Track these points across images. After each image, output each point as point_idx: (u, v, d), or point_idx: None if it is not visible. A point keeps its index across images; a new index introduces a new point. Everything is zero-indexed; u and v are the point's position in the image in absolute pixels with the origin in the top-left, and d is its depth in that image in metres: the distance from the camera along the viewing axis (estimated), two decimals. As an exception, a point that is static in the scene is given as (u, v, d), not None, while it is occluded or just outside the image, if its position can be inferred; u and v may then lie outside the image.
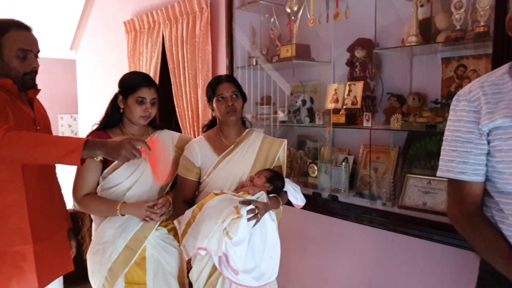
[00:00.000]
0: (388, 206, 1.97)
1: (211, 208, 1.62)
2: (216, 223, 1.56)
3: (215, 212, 1.60)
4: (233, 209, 1.59)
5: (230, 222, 1.56)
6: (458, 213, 1.23)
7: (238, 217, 1.57)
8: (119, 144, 1.45)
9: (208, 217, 1.60)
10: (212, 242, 1.56)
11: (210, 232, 1.56)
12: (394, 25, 2.04)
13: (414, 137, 2.04)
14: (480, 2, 1.61)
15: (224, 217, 1.57)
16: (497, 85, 1.19)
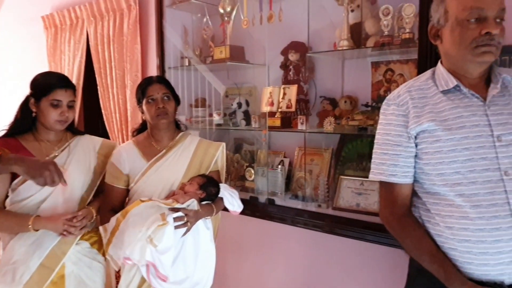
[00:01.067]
0: (323, 208, 2.00)
1: (135, 215, 1.54)
2: (140, 231, 1.49)
3: (140, 219, 1.52)
4: (159, 216, 1.53)
5: (155, 229, 1.50)
6: (390, 215, 1.28)
7: (164, 224, 1.51)
8: (43, 165, 1.35)
9: (132, 224, 1.52)
10: (135, 250, 1.48)
11: (133, 240, 1.48)
12: (326, 29, 2.09)
13: (346, 139, 2.11)
14: (405, 10, 1.69)
15: (149, 224, 1.50)
16: (423, 90, 1.25)
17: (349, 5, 1.90)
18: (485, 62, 1.16)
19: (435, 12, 1.23)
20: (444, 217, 1.17)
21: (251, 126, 2.40)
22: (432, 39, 1.27)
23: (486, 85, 1.21)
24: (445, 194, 1.17)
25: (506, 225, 1.10)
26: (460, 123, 1.16)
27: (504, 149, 1.12)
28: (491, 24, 1.11)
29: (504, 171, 1.11)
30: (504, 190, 1.11)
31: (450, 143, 1.15)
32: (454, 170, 1.14)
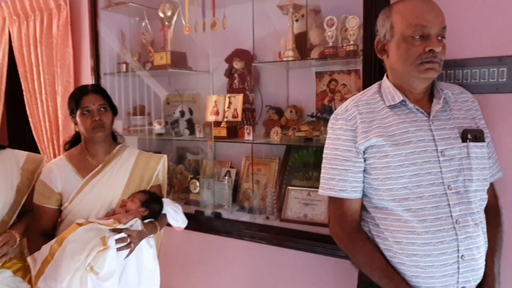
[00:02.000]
0: (271, 220, 1.98)
1: (73, 241, 1.43)
2: (79, 260, 1.37)
3: (78, 246, 1.41)
4: (99, 241, 1.42)
5: (96, 256, 1.39)
6: (340, 231, 1.28)
7: (105, 248, 1.40)
8: None
9: (69, 253, 1.40)
10: (74, 282, 1.37)
11: (71, 270, 1.37)
12: (271, 38, 2.08)
13: (293, 148, 2.11)
14: (349, 22, 1.72)
15: (89, 251, 1.40)
16: (370, 105, 1.26)
17: (293, 14, 1.90)
18: (429, 78, 1.21)
19: (381, 27, 1.26)
20: (393, 232, 1.19)
21: (195, 136, 2.32)
22: (379, 54, 1.29)
23: (429, 100, 1.26)
24: (393, 209, 1.19)
25: (449, 238, 1.14)
26: (407, 138, 1.18)
27: (447, 164, 1.17)
28: (434, 42, 1.15)
29: (447, 185, 1.16)
30: (448, 204, 1.15)
31: (397, 159, 1.17)
32: (402, 185, 1.17)
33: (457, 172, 1.17)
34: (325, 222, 1.85)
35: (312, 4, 1.91)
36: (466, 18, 1.50)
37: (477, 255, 1.17)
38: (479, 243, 1.18)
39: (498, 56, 1.46)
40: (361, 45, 1.70)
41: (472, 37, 1.50)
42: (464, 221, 1.16)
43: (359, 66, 1.88)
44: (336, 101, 1.98)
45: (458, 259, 1.15)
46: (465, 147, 1.19)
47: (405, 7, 1.20)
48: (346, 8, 1.84)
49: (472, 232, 1.16)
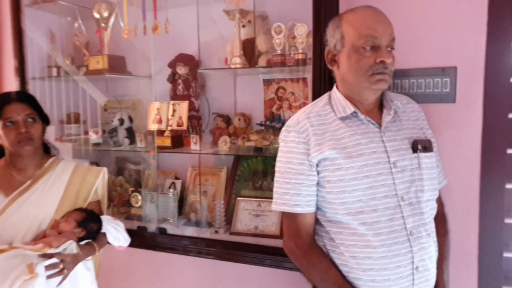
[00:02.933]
0: (220, 234, 1.91)
1: None
2: None
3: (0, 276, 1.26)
4: (25, 269, 1.28)
5: (22, 285, 1.25)
6: (295, 247, 1.25)
7: (32, 277, 1.26)
8: None
9: None
10: None
11: None
12: (217, 43, 2.02)
13: (241, 157, 2.06)
14: (297, 29, 1.71)
15: (12, 281, 1.25)
16: (321, 116, 1.25)
17: (240, 20, 1.86)
18: (380, 89, 1.21)
19: (332, 36, 1.24)
20: (348, 247, 1.18)
21: (136, 145, 2.20)
22: (329, 64, 1.28)
23: (380, 111, 1.26)
24: (348, 223, 1.18)
25: (404, 250, 1.15)
26: (360, 150, 1.18)
27: (400, 175, 1.18)
28: (385, 53, 1.15)
29: (401, 197, 1.17)
30: (402, 216, 1.16)
31: (351, 171, 1.16)
32: (356, 198, 1.16)
33: (409, 183, 1.19)
34: (276, 233, 1.82)
35: (259, 10, 1.88)
36: (412, 29, 1.55)
37: (430, 265, 1.20)
38: (431, 253, 1.20)
39: (442, 67, 1.53)
40: (309, 53, 1.70)
41: (417, 48, 1.56)
42: (417, 232, 1.17)
43: (307, 74, 1.89)
44: (284, 109, 1.96)
45: (413, 270, 1.16)
46: (416, 157, 1.21)
47: (355, 17, 1.19)
48: (293, 15, 1.83)
49: (425, 243, 1.18)
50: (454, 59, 1.51)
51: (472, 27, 1.48)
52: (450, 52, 1.51)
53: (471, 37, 1.48)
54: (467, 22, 1.49)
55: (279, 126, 1.89)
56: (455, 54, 1.51)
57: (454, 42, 1.51)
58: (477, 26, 1.47)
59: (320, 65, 1.53)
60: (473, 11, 1.48)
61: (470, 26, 1.48)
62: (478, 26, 1.47)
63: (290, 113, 1.94)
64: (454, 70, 1.51)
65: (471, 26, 1.48)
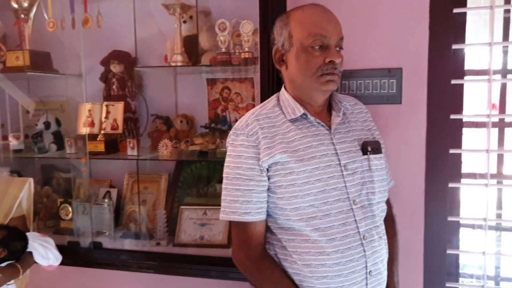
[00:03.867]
0: (163, 246, 1.80)
1: None
2: None
3: None
4: None
5: None
6: (245, 258, 1.19)
7: None
8: None
9: None
10: None
11: None
12: (155, 39, 1.91)
13: (184, 162, 1.97)
14: (243, 27, 1.66)
15: None
16: (271, 118, 1.20)
17: (181, 15, 1.76)
18: (329, 91, 1.19)
19: (279, 35, 1.20)
20: (301, 254, 1.14)
21: (64, 151, 2.02)
22: (277, 64, 1.24)
23: (328, 113, 1.25)
24: (300, 229, 1.14)
25: (358, 255, 1.14)
26: (311, 153, 1.15)
27: (351, 178, 1.16)
28: (334, 53, 1.14)
29: (353, 200, 1.15)
30: (354, 220, 1.15)
31: (303, 175, 1.13)
32: (308, 204, 1.13)
33: (360, 185, 1.18)
34: (224, 243, 1.75)
35: (201, 5, 1.80)
36: (358, 31, 1.56)
37: (382, 268, 1.20)
38: (383, 256, 1.21)
39: (388, 68, 1.55)
40: (256, 52, 1.66)
41: (364, 49, 1.57)
42: (370, 235, 1.16)
43: (253, 74, 1.84)
44: (230, 111, 1.90)
45: (367, 275, 1.15)
46: (366, 159, 1.21)
47: (303, 15, 1.16)
48: (237, 12, 1.77)
49: (378, 246, 1.18)
50: (400, 60, 1.54)
51: (415, 30, 1.52)
52: (396, 54, 1.55)
53: (415, 39, 1.53)
54: (411, 25, 1.53)
55: (226, 129, 1.82)
56: (400, 55, 1.54)
57: (399, 44, 1.54)
58: (420, 29, 1.52)
59: (268, 65, 1.49)
60: (416, 14, 1.52)
61: (414, 28, 1.53)
62: (421, 28, 1.52)
63: (236, 115, 1.88)
64: (400, 72, 1.54)
65: (414, 29, 1.53)
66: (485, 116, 1.53)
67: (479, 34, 1.76)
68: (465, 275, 1.70)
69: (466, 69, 1.60)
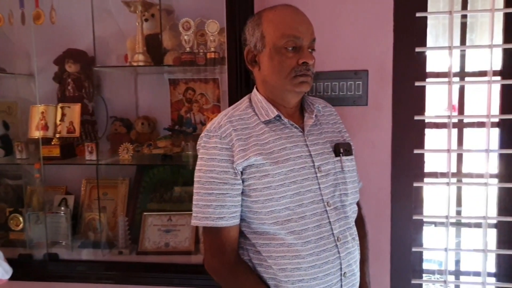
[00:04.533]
0: (125, 255, 1.73)
1: None
2: None
3: None
4: None
5: None
6: (219, 265, 1.16)
7: None
8: None
9: None
10: None
11: None
12: (114, 37, 1.83)
13: (145, 166, 1.90)
14: (208, 26, 1.62)
15: None
16: (244, 120, 1.18)
17: (142, 13, 1.70)
18: (302, 92, 1.19)
19: (251, 36, 1.19)
20: (276, 259, 1.13)
21: (14, 156, 1.88)
22: (249, 65, 1.22)
23: (301, 115, 1.25)
24: (275, 233, 1.13)
25: (333, 257, 1.14)
26: (285, 155, 1.14)
27: (324, 180, 1.17)
28: (307, 54, 1.14)
29: (327, 202, 1.16)
30: (329, 222, 1.15)
31: (278, 178, 1.12)
32: (284, 206, 1.12)
33: (333, 187, 1.18)
34: (191, 249, 1.71)
35: (164, 3, 1.74)
36: (325, 33, 1.57)
37: (355, 269, 1.21)
38: (356, 257, 1.22)
39: (354, 70, 1.58)
40: (222, 52, 1.63)
41: (331, 51, 1.59)
42: (343, 237, 1.17)
43: (217, 75, 1.81)
44: (194, 112, 1.86)
45: (341, 277, 1.16)
46: (338, 161, 1.22)
47: (276, 16, 1.15)
48: (200, 11, 1.73)
49: (351, 247, 1.19)
50: (366, 62, 1.57)
51: (380, 33, 1.56)
52: (362, 56, 1.58)
53: (380, 42, 1.56)
54: (376, 28, 1.56)
55: (190, 131, 1.78)
56: (366, 58, 1.57)
57: (365, 46, 1.57)
58: (385, 32, 1.56)
59: (236, 65, 1.47)
60: (381, 17, 1.56)
61: (379, 31, 1.56)
62: (386, 31, 1.56)
63: (201, 116, 1.84)
64: (366, 74, 1.57)
65: (379, 32, 1.56)
66: (446, 117, 1.59)
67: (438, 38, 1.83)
68: (427, 271, 1.75)
69: (428, 71, 1.66)
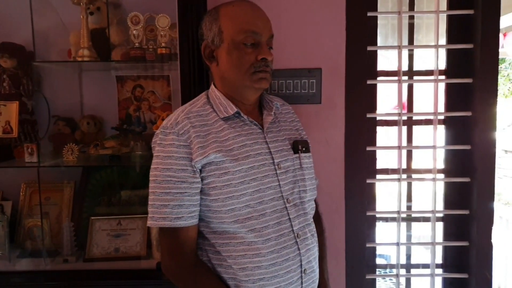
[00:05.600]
0: (71, 263, 1.63)
1: None
2: None
3: None
4: None
5: None
6: (177, 267, 1.13)
7: None
8: None
9: None
10: None
11: None
12: (56, 31, 1.73)
13: (92, 168, 1.81)
14: (159, 21, 1.57)
15: None
16: (202, 116, 1.16)
17: (87, 6, 1.62)
18: (261, 89, 1.19)
19: (209, 30, 1.17)
20: (237, 258, 1.11)
21: None
22: (207, 61, 1.20)
23: (259, 112, 1.25)
24: (235, 232, 1.12)
25: (293, 254, 1.15)
26: (245, 152, 1.13)
27: (284, 176, 1.17)
28: (266, 50, 1.14)
29: (286, 199, 1.16)
30: (288, 218, 1.15)
31: (239, 175, 1.11)
32: (244, 204, 1.10)
33: (292, 184, 1.19)
34: (142, 253, 1.64)
35: (111, -4, 1.67)
36: (280, 31, 1.58)
37: (315, 266, 1.22)
38: (316, 253, 1.24)
39: (308, 68, 1.59)
40: (173, 48, 1.58)
41: (286, 49, 1.60)
42: (303, 233, 1.18)
43: (168, 72, 1.76)
44: (144, 111, 1.79)
45: (301, 274, 1.16)
46: (297, 158, 1.23)
47: (233, 10, 1.14)
48: (149, 6, 1.68)
49: (311, 244, 1.20)
50: (319, 61, 1.60)
51: (333, 31, 1.59)
52: (316, 54, 1.60)
53: (333, 41, 1.59)
54: (329, 27, 1.59)
55: (140, 130, 1.72)
56: (319, 56, 1.60)
57: (318, 45, 1.60)
58: (338, 31, 1.59)
59: (189, 61, 1.43)
60: (334, 16, 1.59)
61: (332, 30, 1.59)
62: (338, 30, 1.59)
63: (151, 115, 1.78)
64: (319, 72, 1.59)
65: (332, 30, 1.59)
66: (396, 115, 1.65)
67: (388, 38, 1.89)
68: (380, 266, 1.81)
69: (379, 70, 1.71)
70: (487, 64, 1.58)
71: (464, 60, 1.66)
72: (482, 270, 1.65)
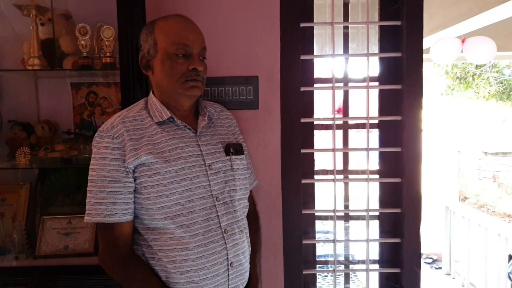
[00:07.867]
0: (21, 260, 1.73)
1: None
2: None
3: None
4: None
5: None
6: (111, 259, 1.25)
7: None
8: None
9: None
10: None
11: None
12: (10, 41, 1.84)
13: (48, 171, 1.91)
14: (104, 32, 1.68)
15: None
16: (137, 121, 1.28)
17: (38, 17, 1.72)
18: (193, 96, 1.31)
19: (145, 42, 1.29)
20: (166, 252, 1.24)
21: None
22: (144, 69, 1.33)
23: (195, 117, 1.38)
24: (165, 228, 1.23)
25: (220, 248, 1.28)
26: (177, 154, 1.26)
27: (214, 177, 1.30)
28: (196, 61, 1.27)
29: (216, 197, 1.29)
30: (217, 215, 1.29)
31: (169, 175, 1.23)
32: (174, 202, 1.23)
33: (223, 183, 1.32)
34: (90, 250, 1.74)
35: (61, 8, 1.78)
36: (218, 41, 1.71)
37: (243, 259, 1.35)
38: (244, 248, 1.36)
39: (245, 76, 1.71)
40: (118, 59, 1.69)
41: (225, 58, 1.72)
42: (231, 229, 1.31)
43: (116, 79, 1.86)
44: (97, 115, 1.90)
45: (228, 267, 1.29)
46: (229, 160, 1.36)
47: (167, 24, 1.27)
48: (99, 17, 1.79)
49: (239, 239, 1.33)
50: (256, 69, 1.72)
51: (269, 41, 1.71)
52: (252, 63, 1.72)
53: (268, 50, 1.72)
54: (265, 37, 1.71)
55: (90, 134, 1.82)
56: (256, 65, 1.72)
57: (255, 54, 1.72)
58: (273, 41, 1.71)
59: (129, 70, 1.54)
60: (269, 27, 1.71)
61: (267, 40, 1.71)
62: (273, 40, 1.71)
63: (103, 120, 1.88)
64: (256, 79, 1.71)
65: (268, 40, 1.71)
66: (330, 119, 1.77)
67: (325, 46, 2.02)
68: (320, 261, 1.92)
69: (316, 77, 1.83)
70: (413, 71, 1.71)
71: (393, 67, 1.79)
72: (411, 264, 1.77)
